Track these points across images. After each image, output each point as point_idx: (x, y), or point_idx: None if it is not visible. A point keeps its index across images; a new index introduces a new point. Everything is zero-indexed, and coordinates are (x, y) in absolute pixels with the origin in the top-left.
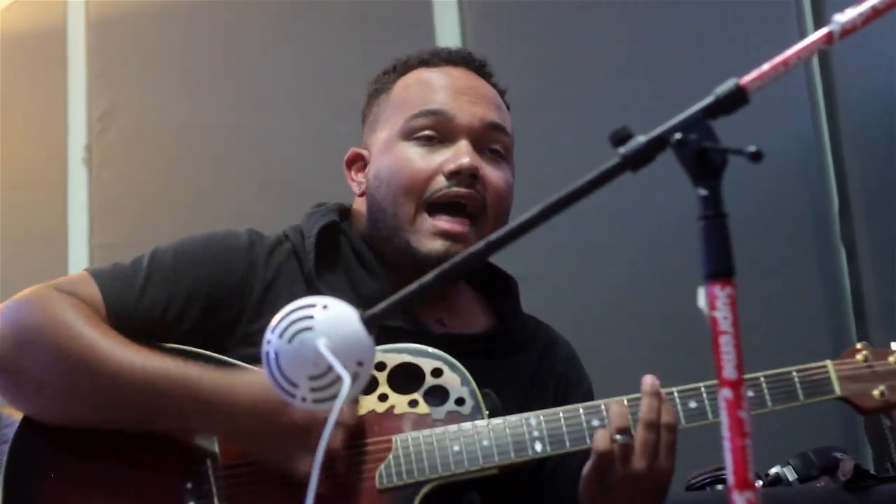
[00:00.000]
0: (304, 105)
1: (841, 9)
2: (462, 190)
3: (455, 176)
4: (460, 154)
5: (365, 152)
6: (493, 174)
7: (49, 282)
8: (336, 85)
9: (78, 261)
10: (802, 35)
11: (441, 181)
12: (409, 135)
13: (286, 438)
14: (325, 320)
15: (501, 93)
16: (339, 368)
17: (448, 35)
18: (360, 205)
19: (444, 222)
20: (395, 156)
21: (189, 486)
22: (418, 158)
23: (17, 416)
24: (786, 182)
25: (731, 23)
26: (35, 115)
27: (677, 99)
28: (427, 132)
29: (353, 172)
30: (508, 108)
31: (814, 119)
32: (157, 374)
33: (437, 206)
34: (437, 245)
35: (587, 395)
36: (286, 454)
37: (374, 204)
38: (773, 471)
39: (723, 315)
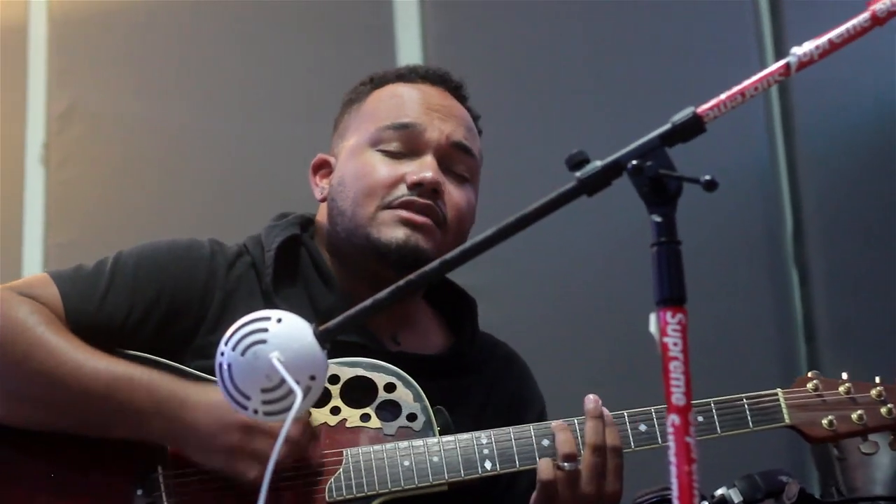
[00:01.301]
0: (263, 108)
1: (800, 35)
2: (422, 201)
3: (417, 187)
4: (424, 167)
5: (332, 159)
6: (455, 193)
7: (8, 283)
8: (296, 88)
9: (33, 259)
10: (762, 55)
11: (403, 189)
12: (376, 143)
13: (219, 459)
14: (279, 334)
15: (476, 117)
16: (291, 382)
17: (408, 35)
18: (322, 210)
19: (405, 212)
20: (361, 161)
21: (139, 492)
22: (383, 166)
23: None
24: (740, 203)
25: (692, 44)
26: None
27: (638, 99)
28: (395, 144)
29: (317, 178)
30: (480, 132)
31: (770, 140)
32: (120, 379)
33: (396, 208)
34: (398, 233)
35: (541, 416)
36: (230, 463)
37: (333, 208)
38: (719, 492)
39: (673, 341)
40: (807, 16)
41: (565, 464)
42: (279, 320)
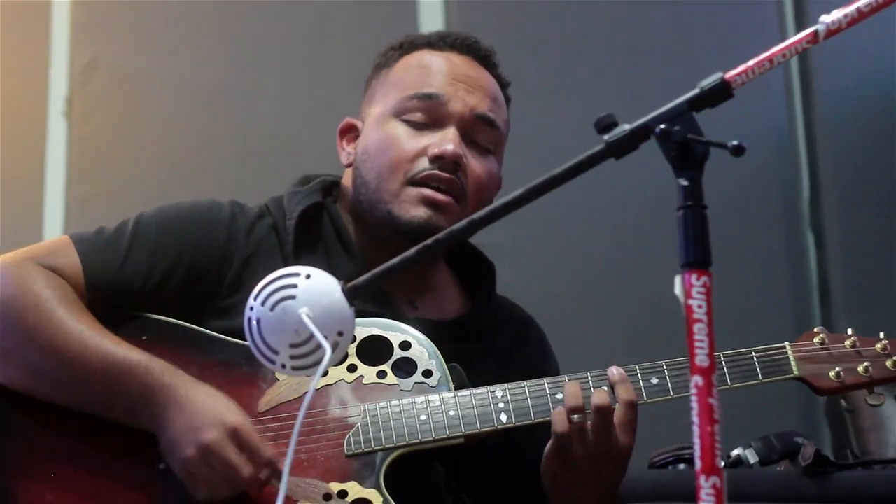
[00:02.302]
0: (286, 66)
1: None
2: (443, 174)
3: (438, 160)
4: (446, 140)
5: (359, 123)
6: (477, 164)
7: (30, 247)
8: (319, 48)
9: (54, 212)
10: (783, 25)
11: (424, 163)
12: (400, 114)
13: (192, 456)
14: (308, 290)
15: (504, 85)
16: (319, 338)
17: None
18: (347, 175)
19: (429, 191)
20: (384, 133)
21: (162, 466)
22: (406, 138)
23: None
24: (758, 166)
25: (714, 14)
26: (16, 65)
27: (660, 99)
28: (418, 115)
29: (344, 142)
30: (509, 100)
31: (788, 105)
32: (121, 365)
33: (419, 184)
34: (420, 212)
35: None
36: (186, 469)
37: (358, 177)
38: (735, 453)
39: (697, 304)
40: None
41: (573, 416)
42: (308, 276)
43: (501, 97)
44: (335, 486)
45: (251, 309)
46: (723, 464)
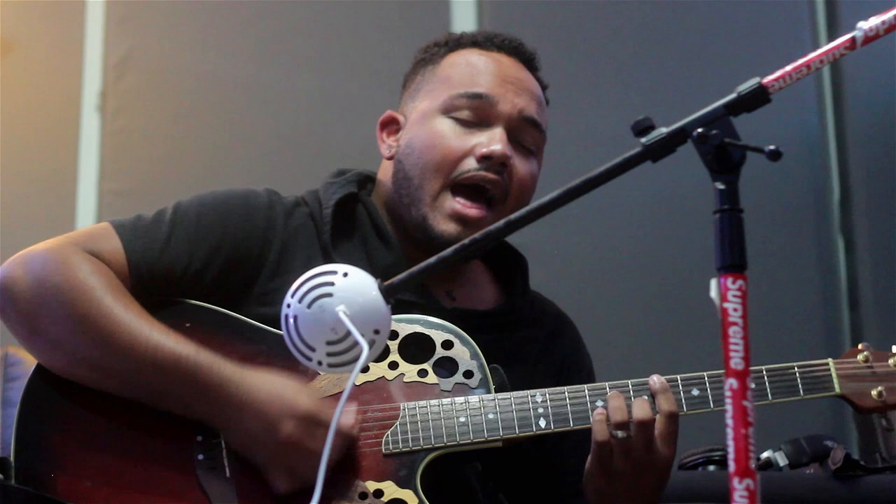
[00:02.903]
0: (318, 63)
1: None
2: (490, 175)
3: (486, 160)
4: (494, 140)
5: (400, 117)
6: (522, 166)
7: (71, 233)
8: (352, 45)
9: (87, 206)
10: (815, 27)
11: (471, 163)
12: (448, 111)
13: (275, 451)
14: (345, 287)
15: (545, 87)
16: (357, 336)
17: (463, 27)
18: (386, 168)
19: (462, 205)
20: (432, 129)
21: (200, 457)
22: (453, 137)
23: (23, 353)
24: (788, 171)
25: (745, 21)
26: (51, 59)
27: (692, 94)
28: (466, 113)
29: (384, 135)
30: (548, 102)
31: (820, 109)
32: (168, 357)
33: (461, 188)
34: (450, 227)
35: (589, 376)
36: (271, 466)
37: (400, 170)
38: (765, 455)
39: (733, 307)
40: None
41: (618, 432)
42: (345, 274)
43: (544, 100)
44: (371, 485)
45: (288, 306)
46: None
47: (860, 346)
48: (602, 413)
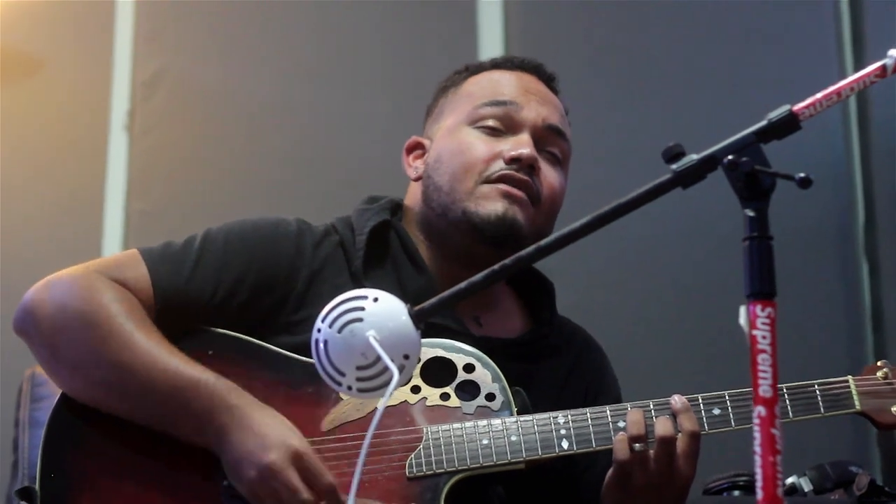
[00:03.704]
0: (348, 85)
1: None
2: (519, 175)
3: (515, 162)
4: (521, 144)
5: (426, 141)
6: (550, 172)
7: (98, 259)
8: (381, 68)
9: (114, 226)
10: (840, 52)
11: (500, 164)
12: (474, 121)
13: (256, 476)
14: (376, 313)
15: (566, 111)
16: (387, 361)
17: (491, 34)
18: (413, 190)
19: (505, 186)
20: (459, 139)
21: (226, 483)
22: (480, 143)
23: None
24: (814, 193)
25: (771, 45)
26: (80, 78)
27: (715, 101)
28: (492, 121)
29: (410, 159)
30: (569, 125)
31: (845, 132)
32: (187, 384)
33: (495, 182)
34: (497, 206)
35: (617, 402)
36: (247, 490)
37: (430, 185)
38: (790, 481)
39: (762, 334)
40: (887, 14)
41: (635, 445)
42: (376, 299)
43: (566, 117)
44: None
45: (318, 331)
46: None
47: (879, 363)
48: (623, 434)
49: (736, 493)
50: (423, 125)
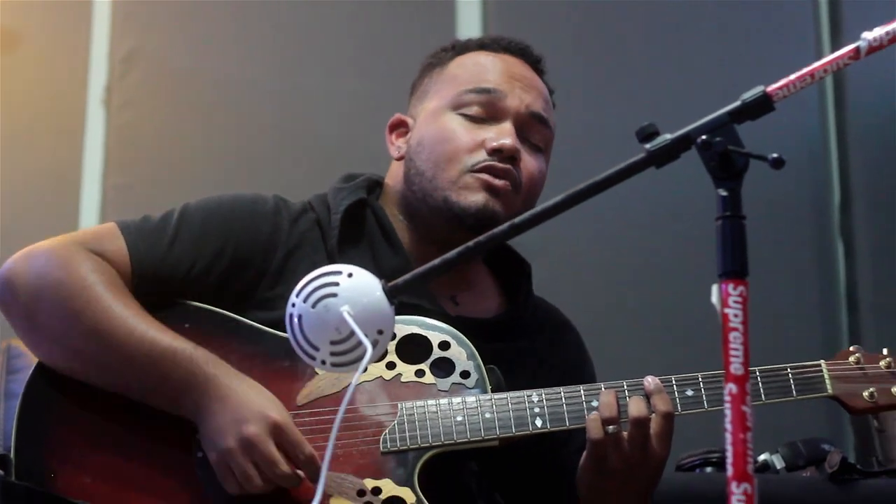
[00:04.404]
0: (324, 63)
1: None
2: (500, 165)
3: (496, 153)
4: (504, 134)
5: (409, 120)
6: (530, 161)
7: (76, 232)
8: (357, 46)
9: (91, 200)
10: (818, 34)
11: (482, 155)
12: (457, 107)
13: (234, 447)
14: (350, 288)
15: (551, 91)
16: (360, 336)
17: (468, 28)
18: (395, 169)
19: (487, 176)
20: (441, 125)
21: (200, 454)
22: (463, 131)
23: (25, 347)
24: (789, 174)
25: (748, 27)
26: (58, 53)
27: (694, 99)
28: (475, 109)
29: (393, 136)
30: (554, 106)
31: (821, 113)
32: (164, 353)
33: (478, 172)
34: (478, 197)
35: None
36: (224, 459)
37: (411, 167)
38: (762, 458)
39: (734, 313)
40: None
41: (609, 427)
42: (350, 275)
43: (551, 101)
44: (369, 483)
45: (293, 305)
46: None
47: (852, 349)
48: (596, 414)
49: (708, 469)
50: (408, 101)
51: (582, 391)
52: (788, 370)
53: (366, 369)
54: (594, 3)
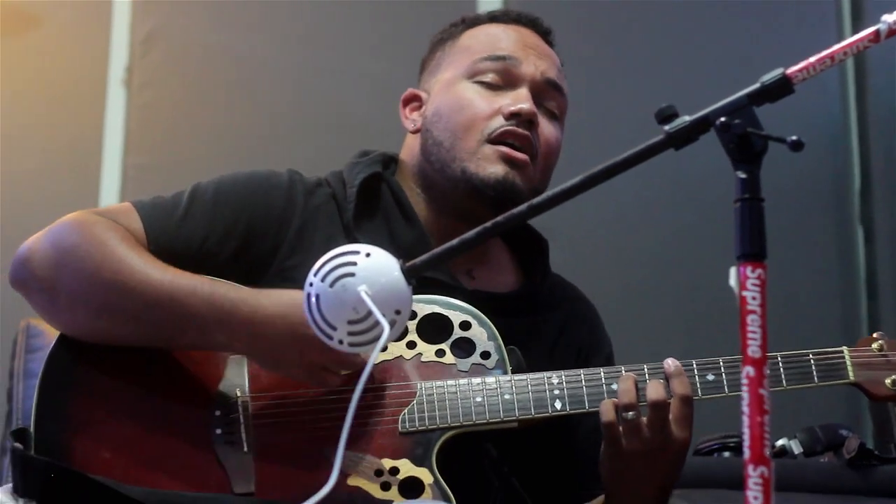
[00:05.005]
0: (344, 43)
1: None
2: (520, 130)
3: (514, 118)
4: (521, 99)
5: (423, 94)
6: (548, 128)
7: (91, 209)
8: (376, 25)
9: (111, 179)
10: (839, 21)
11: (500, 121)
12: (473, 75)
13: (300, 356)
14: (368, 268)
15: (562, 62)
16: (378, 315)
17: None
18: (411, 143)
19: (506, 148)
20: (457, 94)
21: (217, 413)
22: (479, 99)
23: (44, 325)
24: (810, 160)
25: (771, 9)
26: (79, 34)
27: (714, 82)
28: (491, 76)
29: (407, 111)
30: (565, 78)
31: (842, 99)
32: (184, 289)
33: (496, 142)
34: (497, 168)
35: (608, 360)
36: (303, 371)
37: (429, 138)
38: (780, 443)
39: (751, 295)
40: None
41: (628, 413)
42: (368, 255)
43: (562, 71)
44: (387, 463)
45: (311, 285)
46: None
47: (875, 335)
48: (609, 401)
49: (726, 454)
50: (419, 78)
51: (602, 374)
52: (810, 356)
53: (386, 348)
54: None
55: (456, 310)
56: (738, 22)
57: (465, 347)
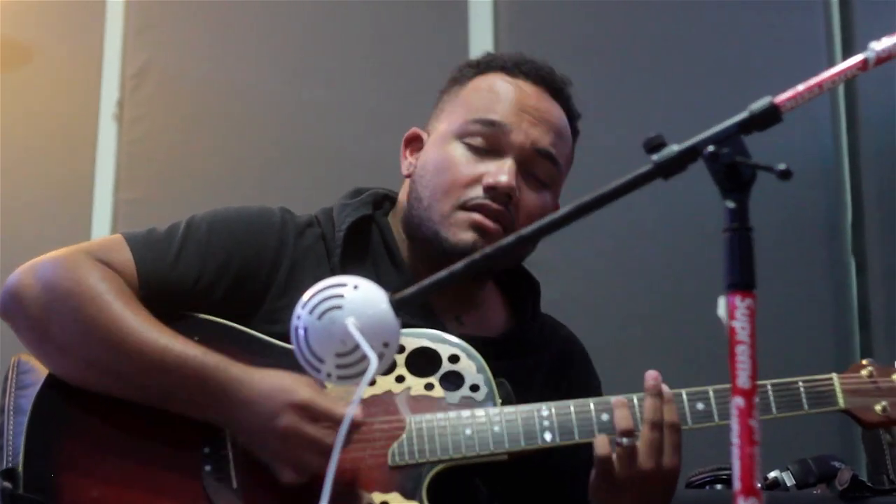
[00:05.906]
0: (336, 76)
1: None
2: (494, 205)
3: (491, 191)
4: (501, 171)
5: (424, 135)
6: (530, 198)
7: (83, 243)
8: (368, 59)
9: (102, 214)
10: (830, 44)
11: (478, 190)
12: (462, 136)
13: (277, 443)
14: (355, 300)
15: (574, 117)
16: (366, 348)
17: (481, 35)
18: (405, 186)
19: (481, 217)
20: (444, 153)
21: (206, 450)
22: (464, 162)
23: (35, 362)
24: (801, 190)
25: (760, 37)
26: (70, 67)
27: (706, 102)
28: (479, 140)
29: (408, 152)
30: (577, 133)
31: (834, 130)
32: (177, 359)
33: (470, 210)
34: (467, 236)
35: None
36: (277, 458)
37: (413, 191)
38: (772, 475)
39: (741, 325)
40: (877, 8)
41: (623, 439)
42: (356, 287)
43: (568, 132)
44: (378, 497)
45: (298, 317)
46: (759, 485)
47: (864, 362)
48: (604, 436)
49: (718, 486)
50: (432, 111)
51: (592, 405)
52: (800, 383)
53: (373, 382)
54: (603, 11)
55: (444, 343)
56: (727, 49)
57: (454, 380)
